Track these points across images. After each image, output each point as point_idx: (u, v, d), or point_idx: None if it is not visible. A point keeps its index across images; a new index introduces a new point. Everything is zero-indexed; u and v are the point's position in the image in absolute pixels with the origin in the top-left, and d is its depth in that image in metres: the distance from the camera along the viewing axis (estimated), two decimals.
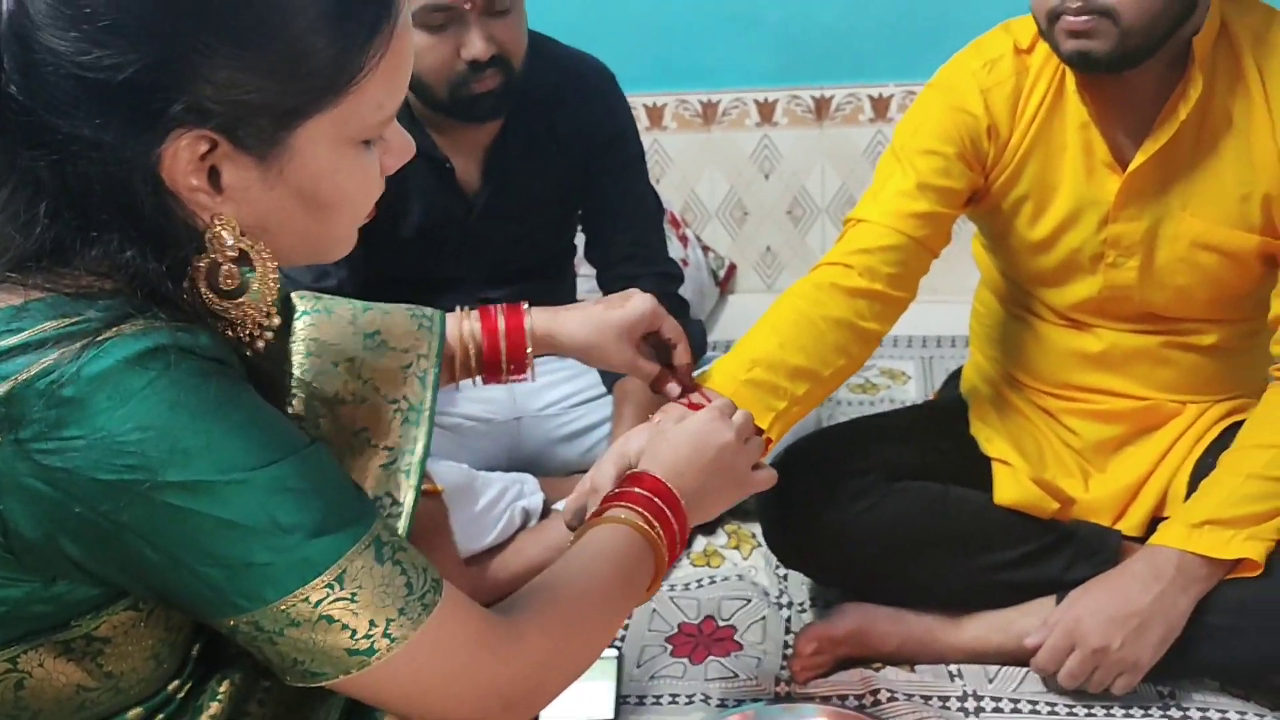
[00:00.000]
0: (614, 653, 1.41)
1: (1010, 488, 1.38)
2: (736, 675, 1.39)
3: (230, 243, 0.72)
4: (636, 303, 1.18)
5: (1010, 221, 1.41)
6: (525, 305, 1.18)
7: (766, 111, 2.57)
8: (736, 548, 1.66)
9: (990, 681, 1.35)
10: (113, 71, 0.65)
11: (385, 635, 0.71)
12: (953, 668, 1.37)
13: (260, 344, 0.76)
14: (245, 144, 0.70)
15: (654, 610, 1.53)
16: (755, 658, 1.42)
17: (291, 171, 0.73)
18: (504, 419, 1.78)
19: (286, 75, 0.69)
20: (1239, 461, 1.29)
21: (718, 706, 1.34)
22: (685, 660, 1.43)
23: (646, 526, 0.92)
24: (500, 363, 1.15)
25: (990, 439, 1.46)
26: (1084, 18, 1.20)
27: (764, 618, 1.49)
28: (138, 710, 0.78)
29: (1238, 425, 1.35)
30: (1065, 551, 1.37)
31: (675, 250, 2.17)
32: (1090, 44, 1.21)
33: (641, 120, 2.54)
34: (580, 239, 1.89)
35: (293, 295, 1.06)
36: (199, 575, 0.69)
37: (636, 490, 0.96)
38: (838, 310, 1.32)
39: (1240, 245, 1.32)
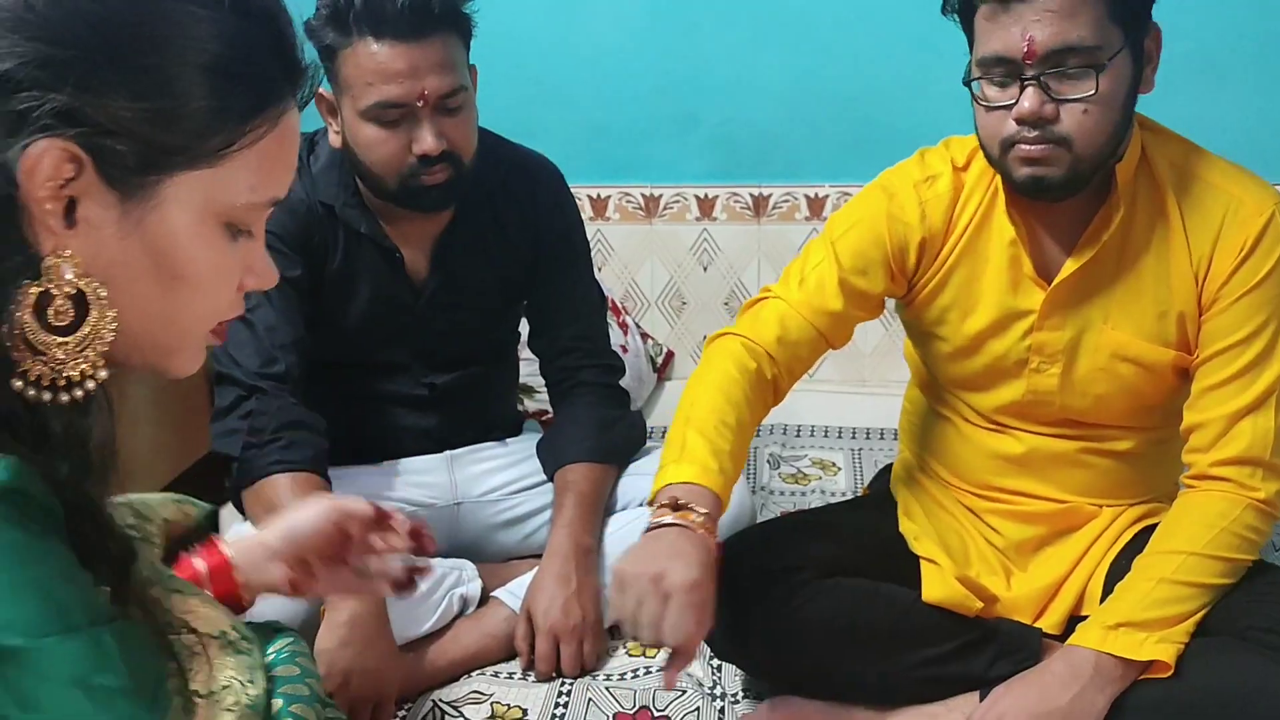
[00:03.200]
0: None
1: (937, 586, 1.43)
2: None
3: (69, 276, 0.67)
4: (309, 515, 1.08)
5: (936, 326, 1.48)
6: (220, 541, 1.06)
7: (706, 207, 2.65)
8: None
9: None
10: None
11: None
12: None
13: (79, 393, 0.67)
14: (110, 175, 0.67)
15: (589, 700, 1.55)
16: None
17: (150, 224, 0.69)
18: (444, 504, 1.80)
19: (163, 110, 0.67)
20: (1151, 566, 1.35)
21: None
22: None
23: None
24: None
25: (918, 537, 1.51)
26: (1040, 146, 1.27)
27: (698, 709, 1.51)
28: None
29: (1151, 528, 1.42)
30: (989, 649, 1.42)
31: (615, 337, 2.22)
32: (1045, 170, 1.29)
33: (586, 210, 2.61)
34: (524, 326, 1.93)
35: None
36: None
37: None
38: (750, 386, 1.39)
39: (1156, 359, 1.40)
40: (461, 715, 1.52)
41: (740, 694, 1.55)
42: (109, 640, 0.64)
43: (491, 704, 1.54)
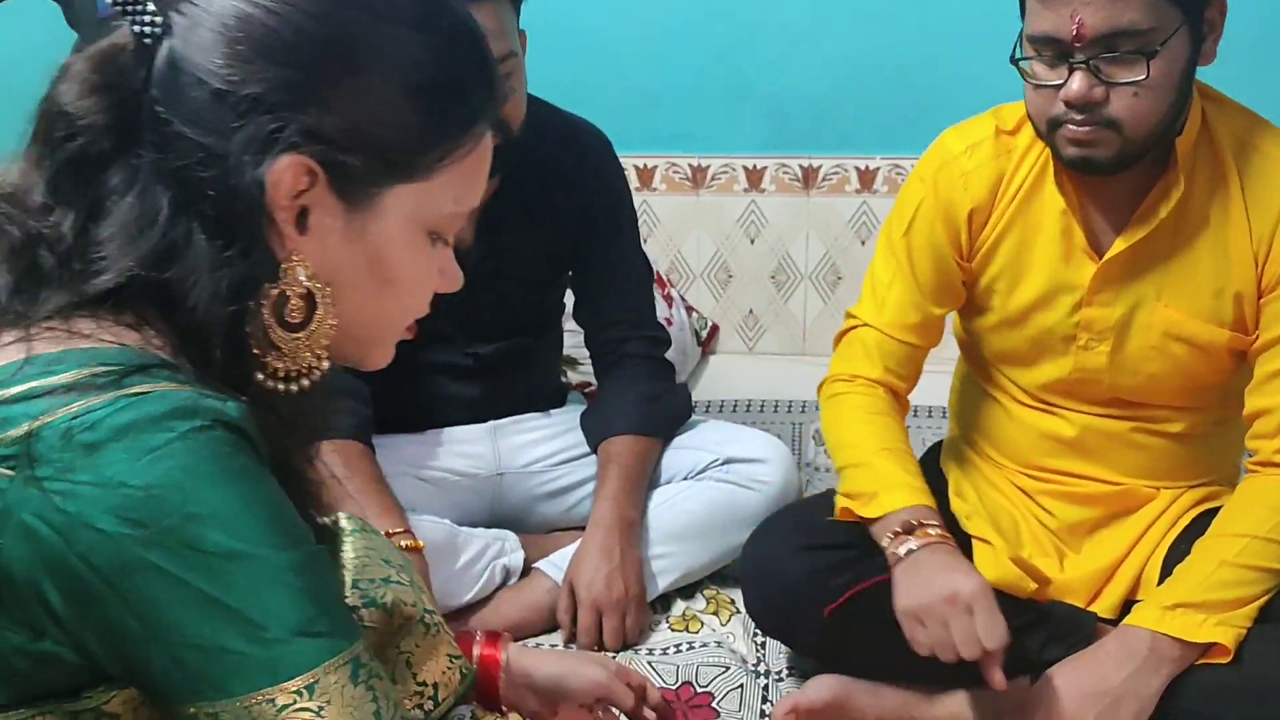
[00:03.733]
0: None
1: (990, 566, 1.39)
2: None
3: (303, 278, 0.74)
4: (590, 674, 1.14)
5: (984, 297, 1.44)
6: (504, 638, 1.12)
7: (755, 178, 2.61)
8: (715, 613, 1.66)
9: None
10: (250, 87, 0.71)
11: None
12: None
13: (305, 383, 0.76)
14: (339, 187, 0.74)
15: None
16: None
17: (371, 232, 0.76)
18: (487, 474, 1.79)
19: (388, 127, 0.74)
20: (1213, 548, 1.31)
21: None
22: None
23: None
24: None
25: (970, 516, 1.48)
26: (1088, 129, 1.24)
27: (741, 685, 1.50)
28: None
29: (1212, 512, 1.38)
30: (1041, 631, 1.39)
31: (660, 310, 2.19)
32: (1093, 152, 1.25)
33: (632, 181, 2.56)
34: (570, 298, 1.91)
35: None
36: (172, 653, 0.67)
37: None
38: (887, 415, 1.47)
39: (1211, 339, 1.35)
40: None
41: (784, 671, 1.53)
42: (324, 559, 0.72)
43: None
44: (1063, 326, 1.39)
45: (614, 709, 1.14)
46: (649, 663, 1.55)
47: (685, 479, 1.73)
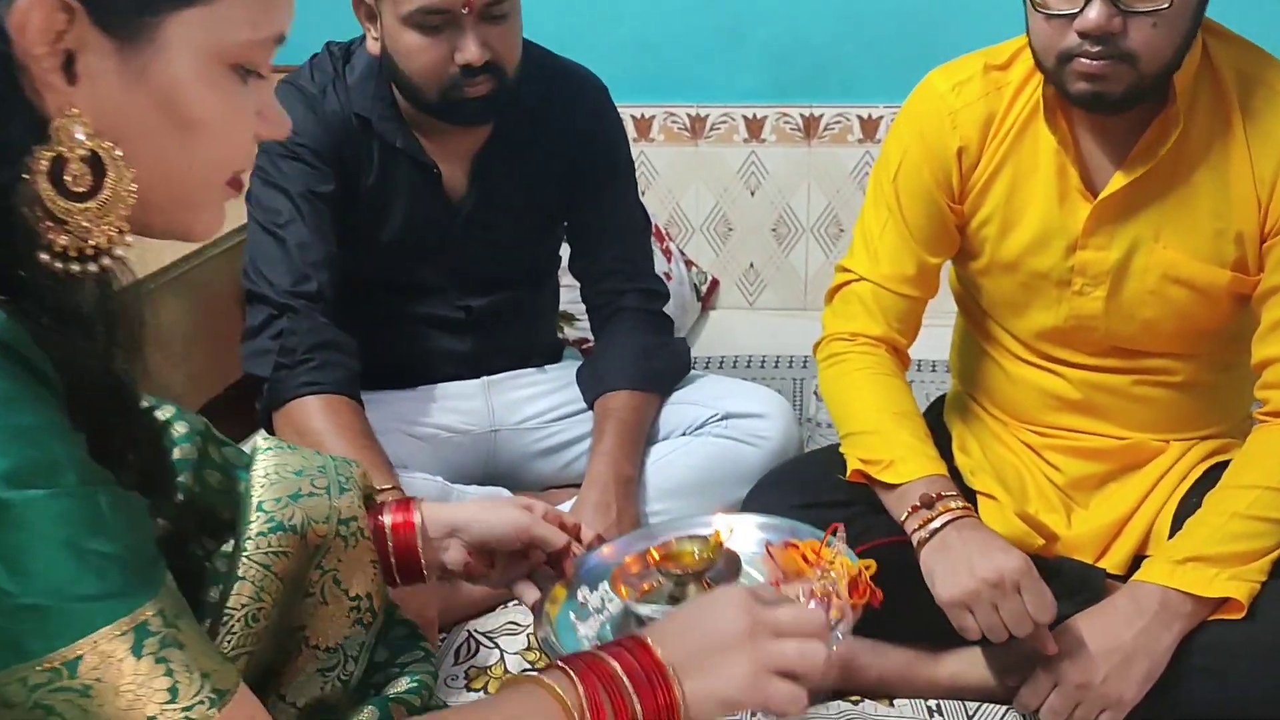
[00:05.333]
0: None
1: (996, 522, 1.36)
2: None
3: (81, 138, 0.63)
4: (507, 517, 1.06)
5: (976, 241, 1.40)
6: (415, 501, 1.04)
7: (755, 128, 2.55)
8: None
9: (970, 718, 1.33)
10: None
11: None
12: (932, 703, 1.35)
13: (106, 262, 0.65)
14: (104, 21, 0.64)
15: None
16: None
17: (154, 72, 0.66)
18: (481, 431, 1.75)
19: None
20: (1224, 500, 1.28)
21: None
22: None
23: (581, 704, 0.75)
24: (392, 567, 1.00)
25: (974, 471, 1.45)
26: (1102, 62, 1.19)
27: None
28: None
29: (1223, 465, 1.35)
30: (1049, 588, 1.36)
31: (659, 264, 2.14)
32: (1104, 86, 1.20)
33: (629, 131, 2.50)
34: (565, 250, 1.86)
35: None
36: None
37: (614, 659, 0.78)
38: (889, 374, 1.43)
39: (1211, 281, 1.31)
40: (497, 646, 1.48)
41: None
42: (104, 503, 0.60)
43: (527, 635, 1.50)
44: (1057, 271, 1.35)
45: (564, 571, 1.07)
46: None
47: (684, 434, 1.70)
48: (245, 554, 0.83)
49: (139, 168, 0.66)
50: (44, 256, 0.64)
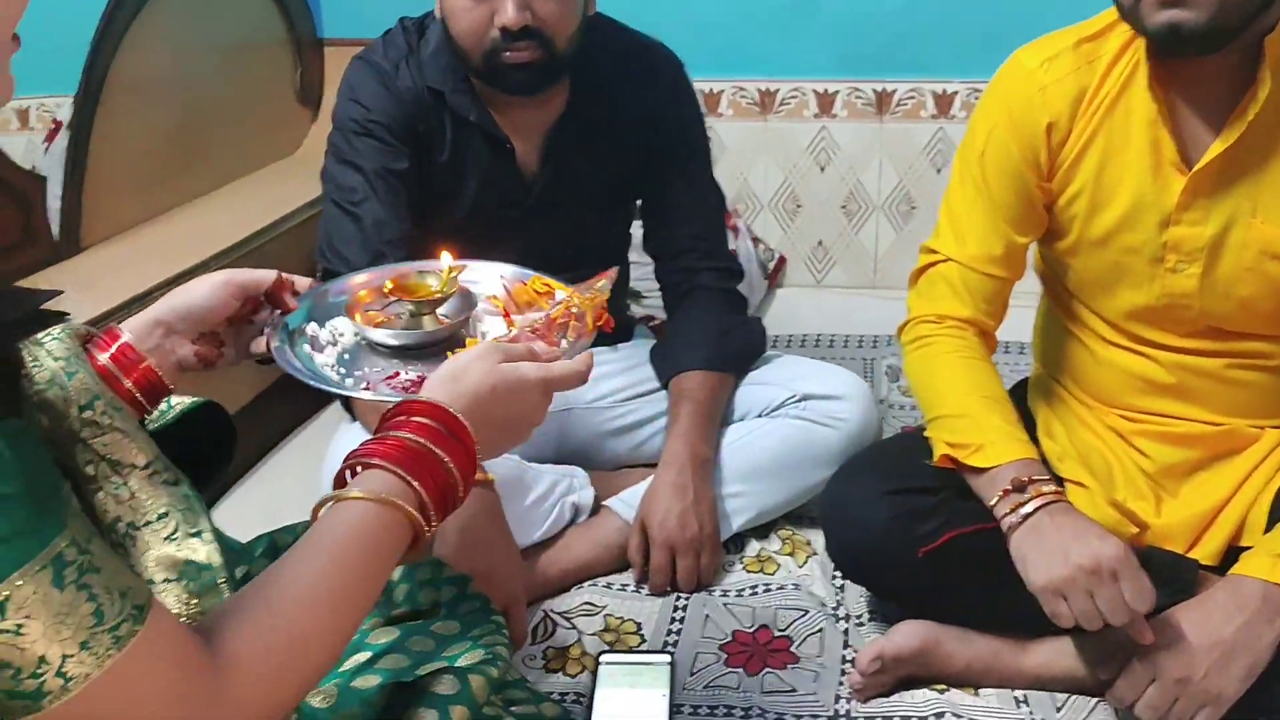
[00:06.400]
0: (665, 659, 1.37)
1: (1087, 510, 1.32)
2: (794, 689, 1.35)
3: None
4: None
5: (1064, 219, 1.37)
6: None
7: (826, 103, 2.50)
8: (791, 554, 1.61)
9: (1058, 710, 1.30)
10: None
11: (59, 674, 0.58)
12: (1019, 693, 1.33)
13: None
14: None
15: (707, 616, 1.49)
16: (813, 671, 1.38)
17: None
18: (553, 409, 1.71)
19: None
20: None
21: None
22: (740, 670, 1.38)
23: (407, 495, 0.77)
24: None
25: (1061, 458, 1.41)
26: None
27: (821, 630, 1.44)
28: None
29: None
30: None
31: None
32: (1183, 15, 1.15)
33: None
34: (636, 229, 1.84)
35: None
36: None
37: (411, 426, 0.80)
38: (977, 358, 1.40)
39: None
40: (574, 627, 1.47)
41: (865, 616, 1.48)
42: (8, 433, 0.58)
43: (604, 616, 1.49)
44: (1149, 248, 1.31)
45: (286, 307, 1.03)
46: (724, 604, 1.51)
47: (760, 416, 1.67)
48: None
49: None
50: None
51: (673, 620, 1.49)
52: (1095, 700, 1.30)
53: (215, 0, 2.29)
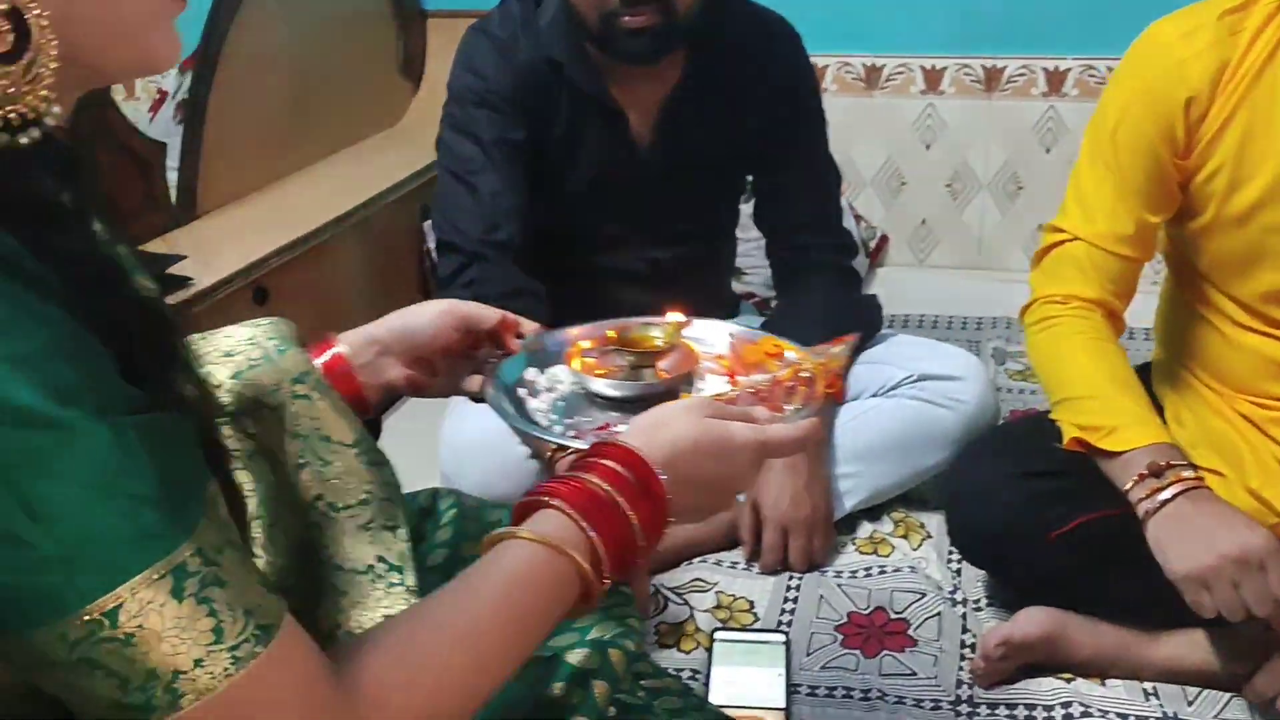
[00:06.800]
0: (781, 638, 1.36)
1: (1225, 499, 1.29)
2: (914, 673, 1.33)
3: None
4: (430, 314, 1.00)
5: (1200, 197, 1.31)
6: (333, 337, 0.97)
7: (933, 79, 2.46)
8: (904, 536, 1.58)
9: (1190, 704, 1.27)
10: None
11: (168, 690, 0.54)
12: (1148, 685, 1.29)
13: (35, 134, 0.57)
14: None
15: (821, 596, 1.47)
16: (932, 656, 1.36)
17: None
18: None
19: None
20: None
21: (895, 704, 1.28)
22: (857, 653, 1.37)
23: (581, 546, 0.70)
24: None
25: (1193, 445, 1.37)
26: None
27: (939, 614, 1.42)
28: None
29: None
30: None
31: None
32: None
33: None
34: (746, 205, 1.82)
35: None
36: None
37: (601, 470, 0.73)
38: (1106, 340, 1.36)
39: None
40: (687, 603, 1.46)
41: (983, 600, 1.45)
42: (131, 434, 0.54)
43: (716, 593, 1.48)
44: None
45: (508, 349, 1.00)
46: (838, 585, 1.49)
47: (875, 396, 1.64)
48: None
49: (71, 15, 0.57)
50: None
51: (786, 599, 1.47)
52: (1229, 695, 1.26)
53: None
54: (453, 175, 1.60)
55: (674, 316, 1.02)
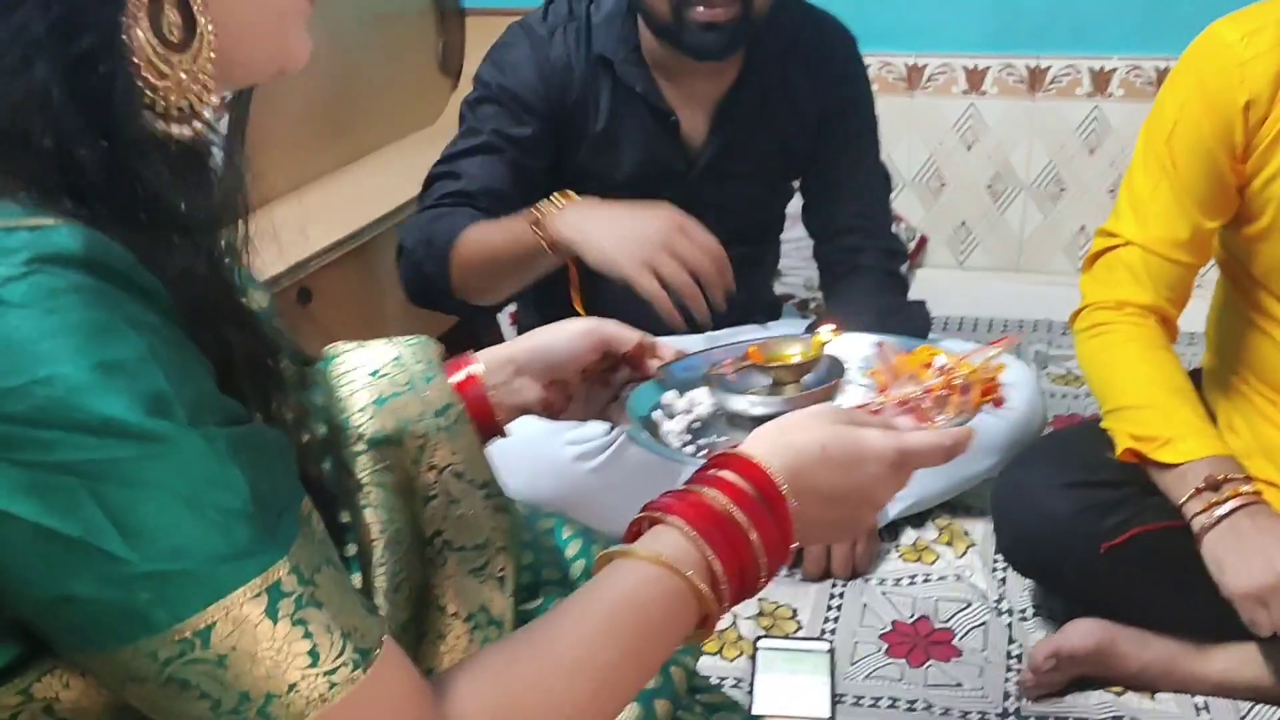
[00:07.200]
0: (825, 646, 1.35)
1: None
2: (960, 684, 1.32)
3: None
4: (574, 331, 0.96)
5: (1257, 202, 1.29)
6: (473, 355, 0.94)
7: (975, 79, 2.43)
8: (949, 544, 1.57)
9: (1242, 718, 1.25)
10: None
11: (260, 713, 0.52)
12: (1199, 700, 1.28)
13: (197, 125, 0.58)
14: None
15: (865, 604, 1.46)
16: (977, 666, 1.34)
17: None
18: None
19: None
20: None
21: (941, 715, 1.27)
22: (903, 662, 1.36)
23: (698, 566, 0.65)
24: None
25: (1248, 455, 1.35)
26: None
27: (985, 623, 1.41)
28: None
29: None
30: None
31: None
32: None
33: None
34: (793, 207, 1.80)
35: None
36: (11, 600, 0.51)
37: (719, 483, 0.67)
38: (1162, 348, 1.34)
39: None
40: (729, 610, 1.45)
41: (1029, 610, 1.44)
42: (224, 446, 0.52)
43: (759, 600, 1.47)
44: None
45: (645, 372, 0.95)
46: (882, 593, 1.48)
47: None
48: (353, 476, 0.77)
49: (216, 10, 0.57)
50: (146, 116, 0.56)
51: (829, 607, 1.46)
52: None
53: None
54: (444, 158, 1.60)
55: (825, 330, 0.96)
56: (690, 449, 0.88)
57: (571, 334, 0.94)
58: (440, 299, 1.55)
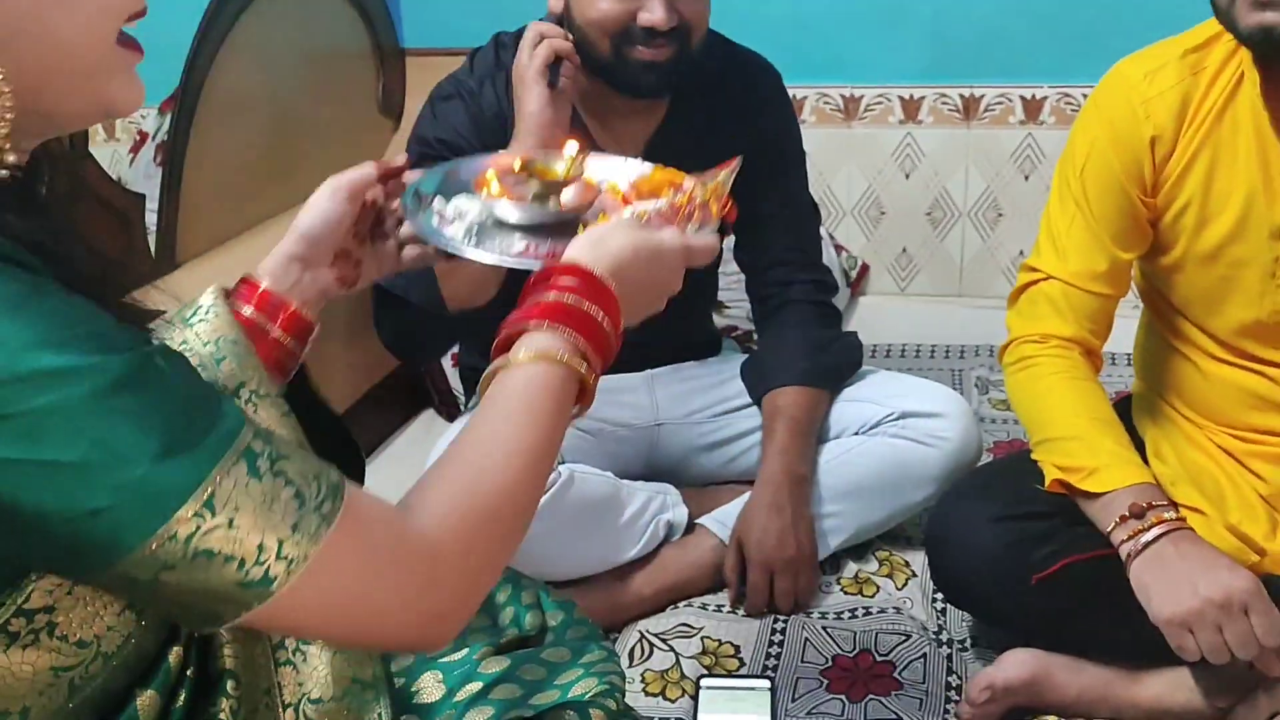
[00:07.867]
0: (766, 684, 1.35)
1: (1205, 537, 1.29)
2: (900, 718, 1.32)
3: None
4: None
5: (1169, 234, 1.33)
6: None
7: (911, 109, 2.47)
8: (889, 576, 1.58)
9: None
10: None
11: (280, 558, 0.60)
12: None
13: (4, 173, 0.62)
14: None
15: (806, 640, 1.47)
16: (917, 699, 1.36)
17: None
18: (645, 424, 1.72)
19: None
20: None
21: None
22: (843, 697, 1.37)
23: (568, 349, 0.77)
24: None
25: (1174, 482, 1.37)
26: None
27: (924, 655, 1.42)
28: (149, 694, 0.71)
29: None
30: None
31: None
32: (1276, 17, 1.11)
33: None
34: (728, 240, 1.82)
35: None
36: (40, 534, 0.57)
37: (559, 287, 0.80)
38: (1085, 379, 1.37)
39: None
40: (672, 649, 1.46)
41: (968, 641, 1.45)
42: (159, 359, 0.61)
43: (702, 638, 1.48)
44: (1260, 261, 1.27)
45: (367, 193, 0.99)
46: (823, 628, 1.49)
47: (857, 434, 1.65)
48: None
49: (16, 50, 0.60)
50: None
51: (771, 643, 1.47)
52: None
53: (303, 11, 2.31)
54: None
55: (570, 145, 1.06)
56: (518, 248, 0.97)
57: (320, 203, 0.97)
58: (432, 330, 1.57)
